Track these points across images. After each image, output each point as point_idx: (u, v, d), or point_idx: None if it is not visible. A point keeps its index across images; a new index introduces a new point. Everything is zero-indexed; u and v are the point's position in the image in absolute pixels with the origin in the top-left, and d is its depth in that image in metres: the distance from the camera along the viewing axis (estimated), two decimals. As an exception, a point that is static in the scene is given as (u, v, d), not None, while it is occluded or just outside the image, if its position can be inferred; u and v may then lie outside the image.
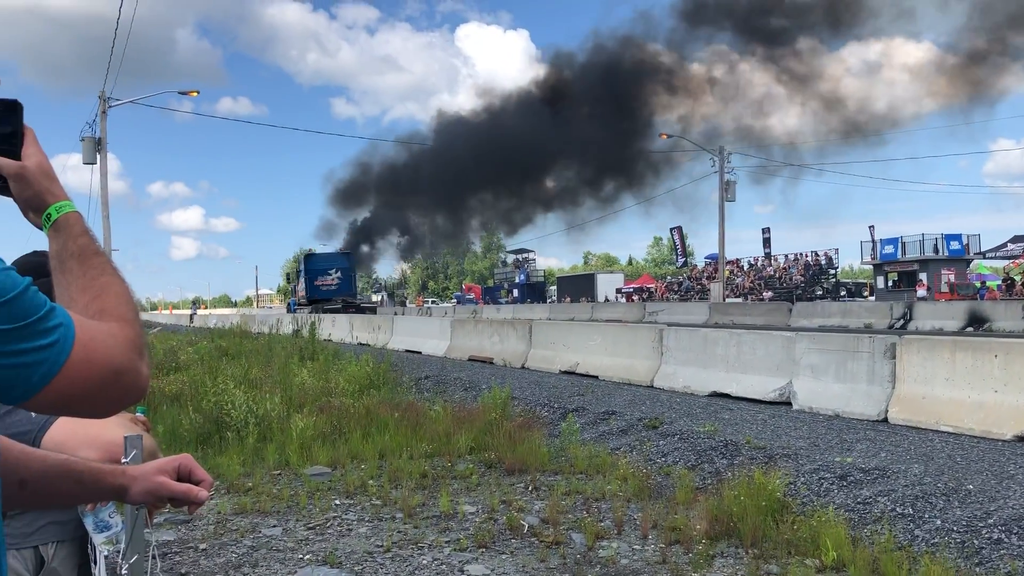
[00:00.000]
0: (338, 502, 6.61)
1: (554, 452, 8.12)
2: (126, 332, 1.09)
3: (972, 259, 49.58)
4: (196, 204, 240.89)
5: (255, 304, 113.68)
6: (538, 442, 8.34)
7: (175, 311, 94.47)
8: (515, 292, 72.17)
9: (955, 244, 48.94)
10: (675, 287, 63.52)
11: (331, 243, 71.08)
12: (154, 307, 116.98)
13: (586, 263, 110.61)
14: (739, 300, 48.86)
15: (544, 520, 5.96)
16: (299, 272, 52.28)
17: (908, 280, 48.32)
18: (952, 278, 44.69)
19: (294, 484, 7.20)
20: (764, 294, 50.97)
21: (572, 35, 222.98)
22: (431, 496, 6.71)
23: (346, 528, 5.92)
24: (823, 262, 54.72)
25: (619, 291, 66.22)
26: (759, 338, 10.87)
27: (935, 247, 48.79)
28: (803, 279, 52.96)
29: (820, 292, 50.30)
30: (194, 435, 8.68)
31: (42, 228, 1.18)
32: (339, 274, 47.86)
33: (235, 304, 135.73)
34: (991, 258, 51.92)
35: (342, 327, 27.71)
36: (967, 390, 7.99)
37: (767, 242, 59.46)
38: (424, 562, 5.14)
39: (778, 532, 5.32)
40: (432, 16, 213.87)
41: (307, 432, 8.70)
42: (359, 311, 42.29)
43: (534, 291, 71.35)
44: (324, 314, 31.18)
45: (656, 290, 64.52)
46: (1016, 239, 51.79)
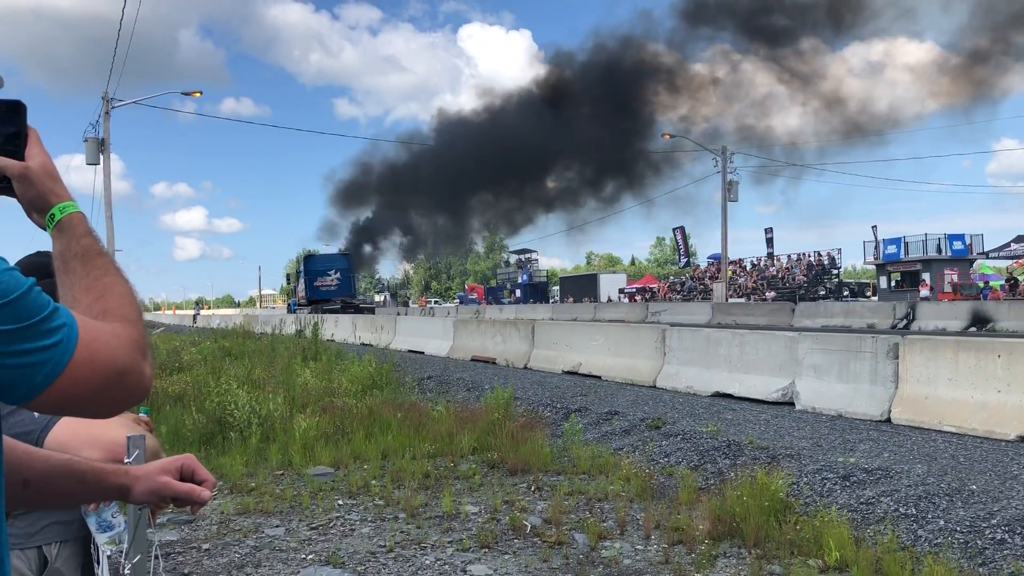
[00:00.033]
0: (341, 502, 6.62)
1: (557, 452, 8.12)
2: (129, 332, 1.10)
3: (975, 259, 49.50)
4: (199, 204, 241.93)
5: (258, 304, 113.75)
6: (541, 442, 8.34)
7: (178, 311, 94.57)
8: (518, 292, 72.19)
9: (958, 244, 48.84)
10: (678, 287, 63.48)
11: (333, 243, 71.23)
12: (157, 307, 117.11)
13: (589, 263, 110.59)
14: (742, 300, 48.83)
15: (547, 520, 5.96)
16: (299, 273, 52.63)
17: (911, 280, 48.22)
18: (955, 278, 44.61)
19: (297, 484, 7.21)
20: (767, 294, 50.90)
21: (575, 35, 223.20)
22: (434, 496, 6.72)
23: (349, 528, 5.92)
24: (826, 262, 54.63)
25: (622, 291, 66.20)
26: (762, 338, 10.86)
27: (938, 247, 48.69)
28: (806, 279, 52.90)
29: (823, 292, 50.23)
30: (197, 435, 8.69)
31: (46, 229, 1.18)
32: (338, 275, 48.31)
33: (238, 304, 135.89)
34: (994, 258, 51.80)
35: (345, 327, 27.71)
36: (970, 390, 7.98)
37: (770, 242, 59.39)
38: (427, 562, 5.14)
39: (781, 532, 5.32)
40: (435, 16, 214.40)
41: (310, 432, 8.71)
42: (357, 311, 42.57)
43: (537, 291, 71.37)
44: (324, 314, 31.29)
45: (659, 290, 64.50)
46: (1019, 239, 51.70)
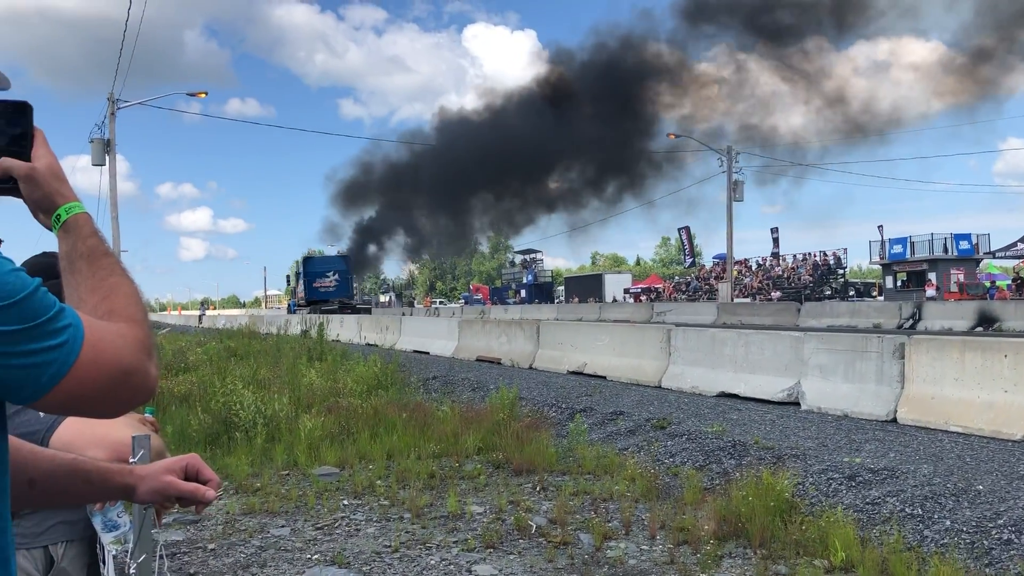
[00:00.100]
0: (346, 502, 6.62)
1: (562, 452, 8.11)
2: (135, 333, 1.10)
3: (982, 259, 49.26)
4: (204, 205, 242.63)
5: (263, 305, 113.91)
6: (546, 442, 8.33)
7: (184, 312, 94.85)
8: (523, 292, 72.16)
9: (964, 244, 48.62)
10: (683, 287, 63.42)
11: (337, 244, 71.48)
12: (163, 308, 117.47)
13: (594, 263, 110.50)
14: (747, 300, 48.73)
15: (552, 520, 5.95)
16: (298, 275, 53.43)
17: (917, 280, 48.04)
18: (961, 278, 44.48)
19: (302, 484, 7.22)
20: (772, 294, 50.82)
21: (579, 35, 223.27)
22: (439, 496, 6.72)
23: (354, 528, 5.93)
24: (832, 262, 54.52)
25: (627, 291, 66.13)
26: (767, 338, 10.84)
27: (944, 247, 48.49)
28: (811, 279, 52.79)
29: (829, 292, 50.12)
30: (203, 435, 8.71)
31: (52, 229, 1.18)
32: (336, 276, 49.67)
33: (243, 305, 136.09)
34: (1001, 258, 51.57)
35: (350, 328, 27.75)
36: (977, 390, 7.95)
37: (776, 242, 59.26)
38: (432, 562, 5.15)
39: (786, 532, 5.31)
40: (439, 17, 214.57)
41: (315, 432, 8.71)
42: (354, 311, 43.66)
43: (542, 291, 71.32)
44: (322, 314, 31.62)
45: (664, 290, 64.43)
46: (1026, 238, 51.48)
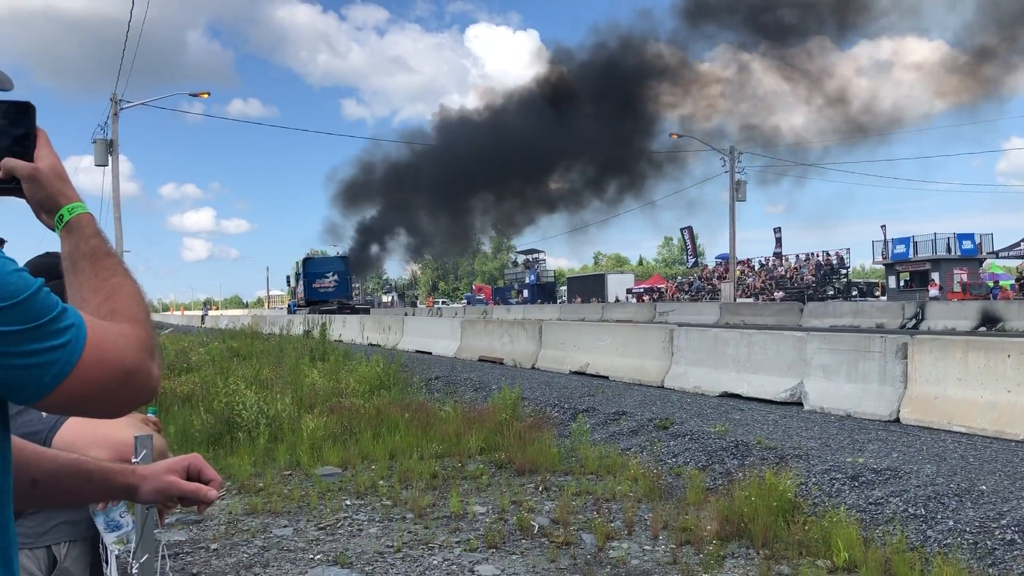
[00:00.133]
0: (349, 502, 6.63)
1: (564, 452, 8.11)
2: (137, 333, 1.10)
3: (985, 258, 49.16)
4: (207, 205, 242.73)
5: (266, 305, 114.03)
6: (548, 442, 8.33)
7: (186, 312, 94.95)
8: (525, 292, 72.12)
9: (967, 243, 48.54)
10: (686, 287, 63.37)
11: (338, 244, 71.64)
12: (165, 308, 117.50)
13: (596, 263, 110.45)
14: (750, 300, 48.68)
15: (554, 520, 5.95)
16: (298, 275, 53.79)
17: (920, 280, 47.99)
18: (964, 277, 44.38)
19: (305, 484, 7.22)
20: (775, 294, 50.77)
21: (581, 36, 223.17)
22: (441, 496, 6.72)
23: (357, 528, 5.93)
24: (834, 262, 54.47)
25: (629, 291, 66.08)
26: (770, 338, 10.83)
27: (947, 246, 48.41)
28: (814, 279, 52.74)
29: (831, 292, 50.06)
30: (205, 435, 8.72)
31: (54, 229, 1.18)
32: (335, 277, 50.38)
33: (246, 305, 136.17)
34: (1004, 257, 51.45)
35: (353, 328, 27.77)
36: (980, 390, 7.94)
37: (779, 242, 59.23)
38: (434, 562, 5.15)
39: (789, 533, 5.30)
40: (441, 17, 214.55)
41: (318, 432, 8.72)
42: (353, 311, 44.10)
43: (544, 291, 71.28)
44: (321, 314, 31.76)
45: (667, 290, 64.38)
46: (1029, 238, 51.36)
